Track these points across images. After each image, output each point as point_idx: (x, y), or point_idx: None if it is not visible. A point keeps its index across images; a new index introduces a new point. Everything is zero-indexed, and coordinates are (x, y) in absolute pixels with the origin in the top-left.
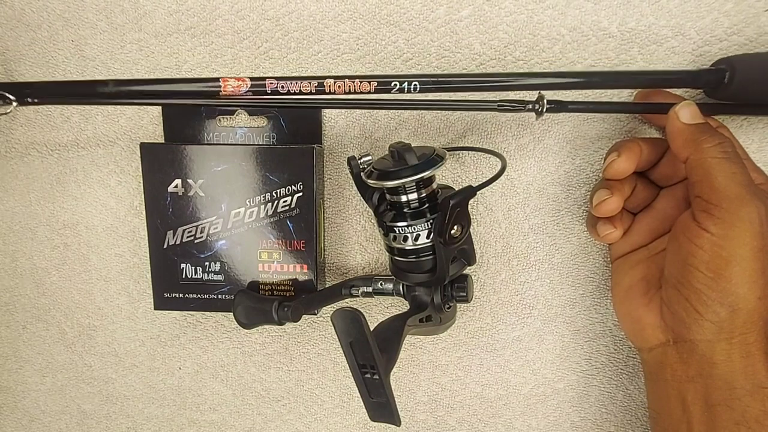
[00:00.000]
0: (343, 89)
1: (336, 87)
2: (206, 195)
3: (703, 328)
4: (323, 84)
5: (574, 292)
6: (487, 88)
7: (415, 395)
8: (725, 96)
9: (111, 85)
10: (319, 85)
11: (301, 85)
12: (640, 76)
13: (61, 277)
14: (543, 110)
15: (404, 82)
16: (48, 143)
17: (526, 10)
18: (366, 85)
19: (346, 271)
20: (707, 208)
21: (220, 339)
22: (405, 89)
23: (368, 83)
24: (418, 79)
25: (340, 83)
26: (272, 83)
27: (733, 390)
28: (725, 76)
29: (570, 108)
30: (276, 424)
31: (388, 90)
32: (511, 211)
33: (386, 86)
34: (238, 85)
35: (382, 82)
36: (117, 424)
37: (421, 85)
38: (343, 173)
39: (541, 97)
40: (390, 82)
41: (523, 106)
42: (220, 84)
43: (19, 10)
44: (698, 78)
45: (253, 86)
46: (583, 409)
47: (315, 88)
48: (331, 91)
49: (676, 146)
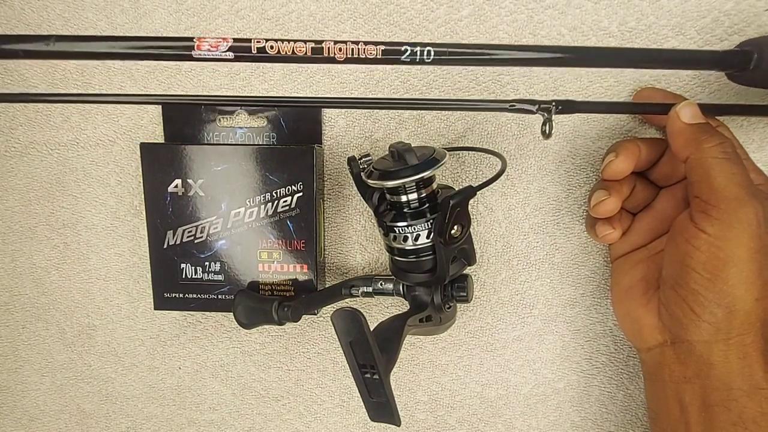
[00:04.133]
0: (345, 54)
1: (336, 50)
2: (206, 195)
3: (700, 329)
4: (321, 47)
5: (574, 292)
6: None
7: (415, 395)
8: (751, 80)
9: (53, 41)
10: (316, 49)
11: (294, 47)
12: (663, 55)
13: (60, 276)
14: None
15: (416, 49)
16: (48, 143)
17: (526, 9)
18: (372, 49)
19: (346, 271)
20: (705, 208)
21: (220, 339)
22: (417, 58)
23: (374, 48)
24: (433, 46)
25: (342, 46)
26: (259, 43)
27: (731, 391)
28: (753, 58)
29: (581, 108)
30: (276, 423)
31: (396, 59)
32: (511, 211)
33: (395, 54)
34: (216, 43)
35: (391, 49)
36: (116, 423)
37: (436, 54)
38: (343, 173)
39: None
40: (399, 48)
41: (534, 108)
42: (194, 43)
43: (19, 10)
44: (724, 60)
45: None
46: (583, 409)
47: (311, 51)
48: (331, 56)
49: (677, 146)
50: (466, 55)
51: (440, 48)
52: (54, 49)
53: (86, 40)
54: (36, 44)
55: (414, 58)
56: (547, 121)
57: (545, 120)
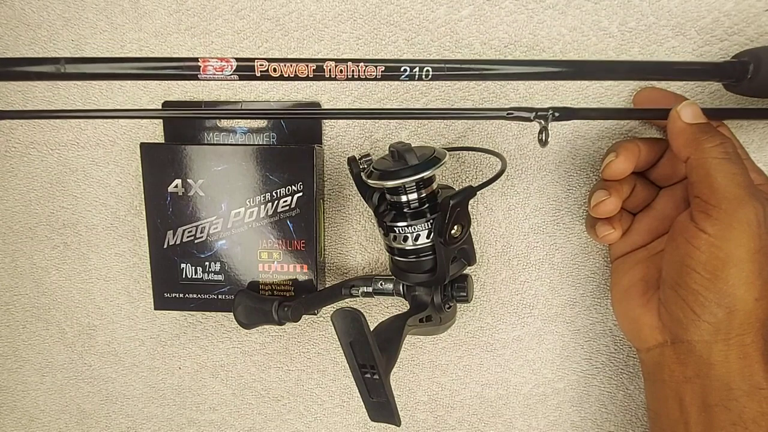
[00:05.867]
0: (346, 74)
1: (337, 71)
2: (206, 195)
3: (700, 329)
4: (323, 67)
5: (574, 292)
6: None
7: (415, 395)
8: (748, 90)
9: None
10: (317, 69)
11: (296, 68)
12: (660, 67)
13: (60, 276)
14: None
15: (415, 68)
16: (48, 143)
17: (526, 9)
18: (372, 69)
19: (346, 271)
20: (706, 208)
21: (220, 339)
22: (416, 76)
23: (374, 67)
24: (431, 64)
25: (342, 67)
26: (262, 65)
27: (730, 391)
28: (749, 68)
29: (579, 115)
30: (276, 423)
31: (396, 76)
32: (511, 211)
33: (394, 71)
34: (221, 66)
35: (391, 67)
36: (117, 423)
37: (435, 71)
38: (343, 173)
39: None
40: (399, 67)
41: (530, 116)
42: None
43: (19, 10)
44: (721, 70)
45: (240, 68)
46: (583, 409)
47: (313, 72)
48: (332, 76)
49: (677, 146)
50: (463, 71)
51: (438, 65)
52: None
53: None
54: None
55: (413, 75)
56: (543, 130)
57: (541, 128)
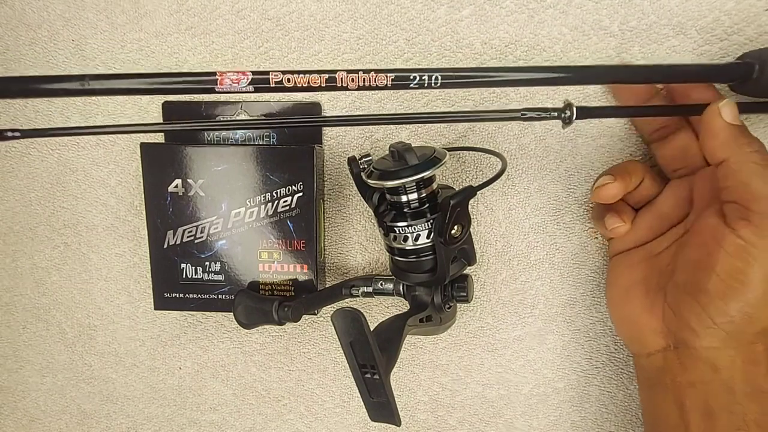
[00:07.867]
0: (357, 83)
1: (349, 81)
2: (206, 195)
3: (712, 336)
4: (335, 77)
5: (575, 292)
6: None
7: (415, 395)
8: (753, 91)
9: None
10: (329, 79)
11: (309, 79)
12: (666, 70)
13: (61, 276)
14: (572, 118)
15: (424, 76)
16: (48, 143)
17: (527, 9)
18: (383, 78)
19: (346, 271)
20: (746, 215)
21: (220, 339)
22: (426, 83)
23: (385, 77)
24: (440, 72)
25: (354, 77)
26: (276, 76)
27: (733, 394)
28: (754, 69)
29: (597, 114)
30: (276, 423)
31: (406, 85)
32: (511, 211)
33: (404, 80)
34: (237, 78)
35: (400, 76)
36: (117, 423)
37: (443, 78)
38: (343, 173)
39: (569, 104)
40: (408, 75)
41: (549, 114)
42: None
43: (19, 10)
44: (727, 72)
45: (255, 80)
46: (583, 409)
47: (325, 81)
48: (344, 85)
49: (713, 145)
50: (472, 78)
51: (447, 73)
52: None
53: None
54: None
55: (422, 83)
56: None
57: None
